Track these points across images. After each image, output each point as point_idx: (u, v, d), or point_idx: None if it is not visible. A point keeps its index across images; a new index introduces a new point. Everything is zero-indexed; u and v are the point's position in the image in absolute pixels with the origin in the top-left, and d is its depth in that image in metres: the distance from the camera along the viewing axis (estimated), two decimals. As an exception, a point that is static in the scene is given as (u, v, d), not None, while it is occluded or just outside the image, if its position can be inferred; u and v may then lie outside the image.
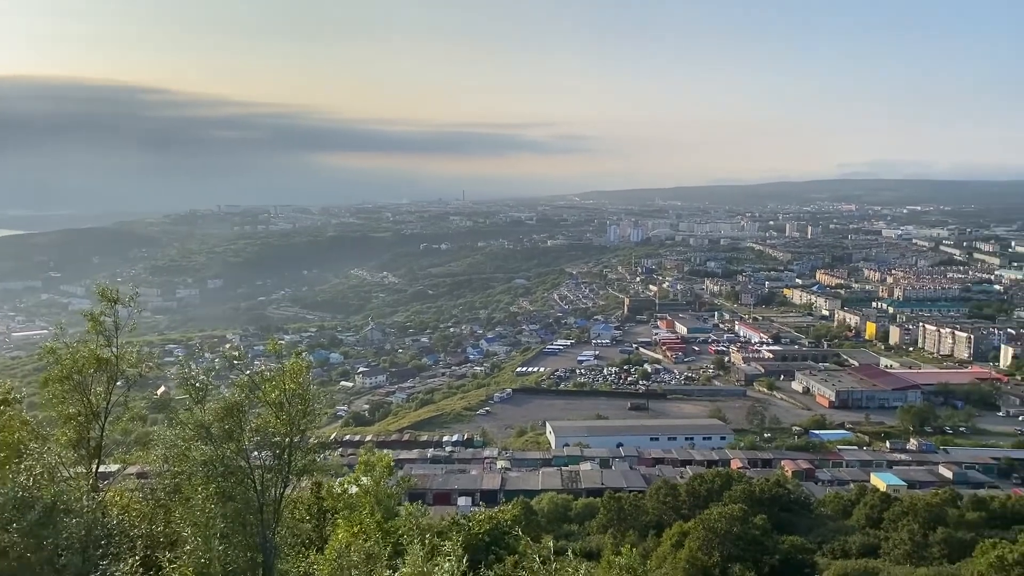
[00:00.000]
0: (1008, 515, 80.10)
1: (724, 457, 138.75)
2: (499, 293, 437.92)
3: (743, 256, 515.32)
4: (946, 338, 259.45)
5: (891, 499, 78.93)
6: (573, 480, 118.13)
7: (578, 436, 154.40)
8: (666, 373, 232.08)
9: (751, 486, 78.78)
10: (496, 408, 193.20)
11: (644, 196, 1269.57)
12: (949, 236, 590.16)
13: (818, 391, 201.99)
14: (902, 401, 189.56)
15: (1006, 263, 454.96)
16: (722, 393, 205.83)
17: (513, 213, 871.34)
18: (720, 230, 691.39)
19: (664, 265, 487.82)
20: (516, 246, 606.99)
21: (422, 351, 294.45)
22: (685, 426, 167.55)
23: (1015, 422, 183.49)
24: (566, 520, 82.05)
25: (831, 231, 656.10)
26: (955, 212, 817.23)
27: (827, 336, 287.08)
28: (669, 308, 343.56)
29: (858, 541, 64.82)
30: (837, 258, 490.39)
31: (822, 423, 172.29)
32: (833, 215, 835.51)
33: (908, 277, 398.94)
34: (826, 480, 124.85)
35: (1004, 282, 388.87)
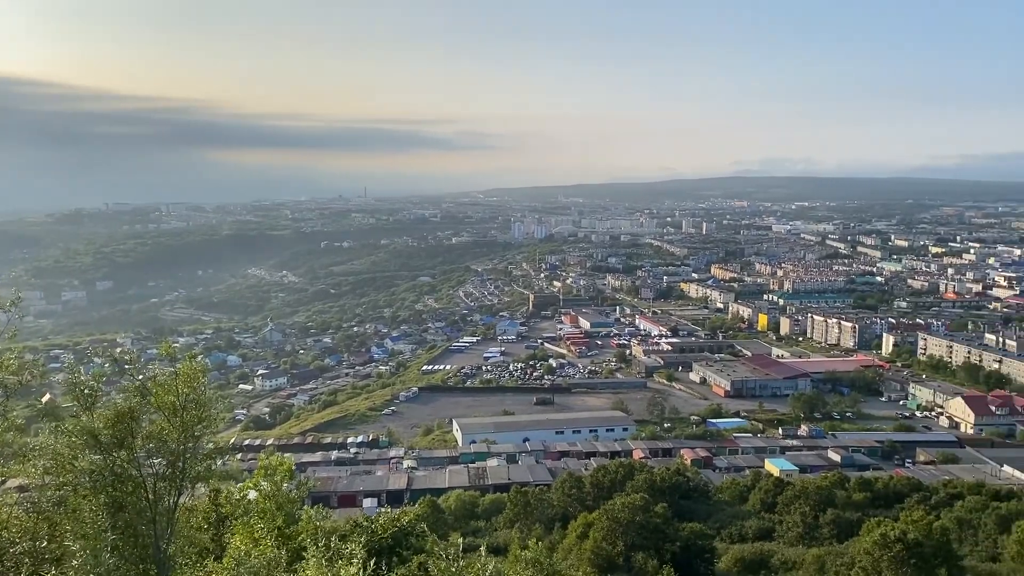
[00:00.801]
0: (890, 495, 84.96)
1: (627, 448, 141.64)
2: (404, 291, 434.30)
3: (642, 252, 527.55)
4: (832, 328, 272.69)
5: (784, 484, 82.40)
6: (480, 477, 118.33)
7: (485, 433, 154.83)
8: (571, 367, 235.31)
9: (652, 475, 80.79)
10: (402, 407, 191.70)
11: (547, 193, 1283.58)
12: (835, 231, 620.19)
13: (714, 381, 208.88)
14: (793, 389, 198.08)
15: (887, 256, 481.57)
16: (624, 385, 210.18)
17: (417, 210, 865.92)
18: (620, 227, 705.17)
19: (567, 261, 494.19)
20: (421, 243, 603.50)
21: (324, 351, 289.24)
22: (589, 419, 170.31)
23: (896, 406, 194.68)
24: (473, 517, 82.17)
25: (725, 227, 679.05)
26: (840, 208, 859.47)
27: (722, 328, 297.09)
28: (573, 303, 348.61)
29: (754, 525, 67.35)
30: (731, 253, 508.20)
31: (719, 412, 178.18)
32: (727, 211, 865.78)
33: (797, 270, 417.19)
34: (723, 467, 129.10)
35: (885, 274, 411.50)
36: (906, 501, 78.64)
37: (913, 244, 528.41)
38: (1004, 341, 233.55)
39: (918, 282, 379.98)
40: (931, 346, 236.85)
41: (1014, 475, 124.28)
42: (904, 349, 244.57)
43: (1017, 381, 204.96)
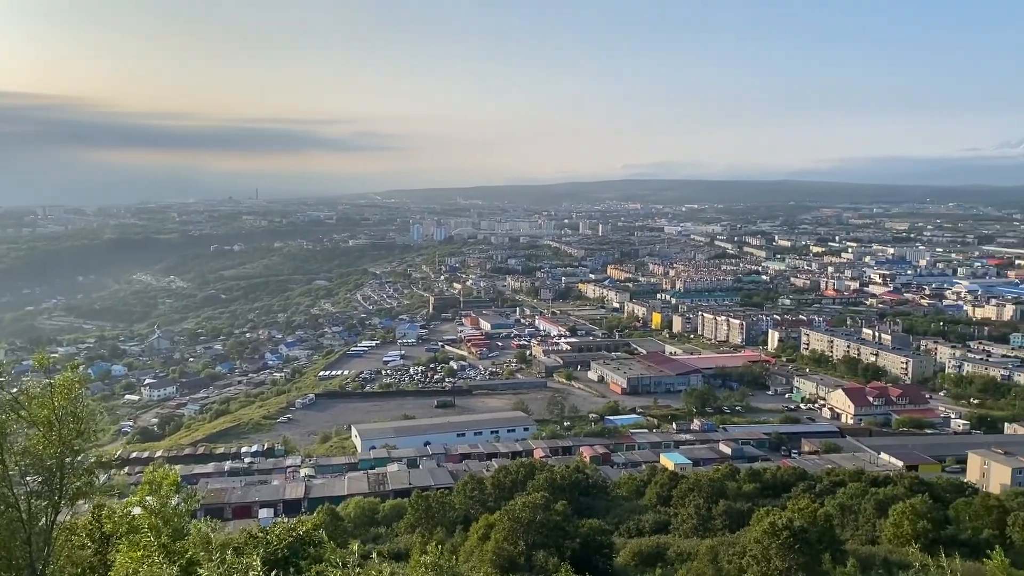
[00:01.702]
0: (778, 484, 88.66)
1: (528, 448, 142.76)
2: (299, 295, 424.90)
3: (541, 253, 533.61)
4: (722, 325, 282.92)
5: (679, 477, 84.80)
6: (380, 482, 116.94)
7: (385, 438, 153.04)
8: (472, 369, 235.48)
9: (553, 474, 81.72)
10: (298, 415, 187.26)
11: (446, 195, 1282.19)
12: (722, 232, 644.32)
13: (611, 379, 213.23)
14: (686, 385, 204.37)
15: (771, 255, 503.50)
16: (525, 386, 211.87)
17: (312, 212, 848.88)
18: (520, 228, 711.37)
19: (467, 263, 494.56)
20: (316, 246, 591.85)
21: (216, 359, 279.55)
22: (490, 420, 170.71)
23: (782, 399, 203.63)
24: (374, 523, 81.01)
25: (620, 228, 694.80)
26: (727, 210, 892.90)
27: (619, 327, 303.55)
28: (473, 305, 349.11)
29: (651, 519, 69.08)
30: (625, 254, 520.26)
31: (616, 409, 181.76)
32: (621, 213, 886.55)
33: (688, 270, 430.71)
34: (621, 463, 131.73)
35: (770, 272, 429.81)
36: (793, 490, 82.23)
37: (795, 244, 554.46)
38: (880, 335, 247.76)
39: (800, 280, 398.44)
40: (813, 341, 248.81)
41: (890, 462, 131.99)
42: (789, 344, 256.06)
43: (892, 373, 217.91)
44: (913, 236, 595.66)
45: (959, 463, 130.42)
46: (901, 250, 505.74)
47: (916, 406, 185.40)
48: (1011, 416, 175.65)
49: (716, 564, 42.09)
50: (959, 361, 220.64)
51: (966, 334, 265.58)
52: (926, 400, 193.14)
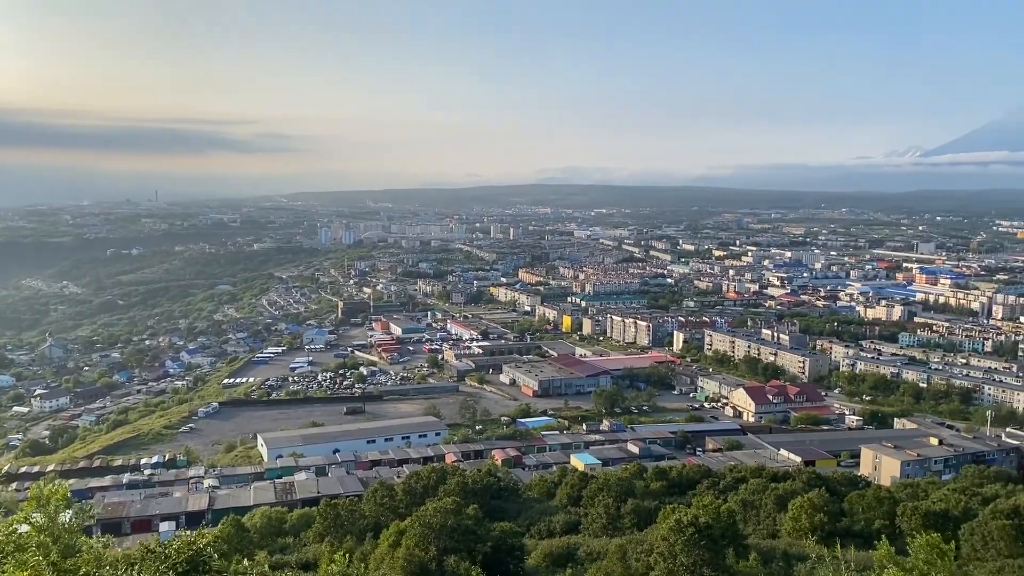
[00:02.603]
0: (684, 482, 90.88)
1: (439, 452, 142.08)
2: (201, 301, 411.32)
3: (453, 257, 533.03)
4: (630, 327, 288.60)
5: (588, 477, 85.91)
6: (288, 492, 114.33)
7: (292, 446, 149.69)
8: (382, 374, 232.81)
9: (465, 478, 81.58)
10: (201, 424, 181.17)
11: (355, 198, 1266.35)
12: (630, 236, 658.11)
13: (523, 382, 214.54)
14: (595, 386, 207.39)
15: (676, 259, 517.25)
16: (436, 390, 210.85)
17: (215, 215, 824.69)
18: (431, 232, 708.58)
19: (377, 267, 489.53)
20: (219, 250, 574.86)
21: (113, 367, 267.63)
22: (401, 426, 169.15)
23: (687, 399, 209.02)
24: (281, 534, 79.08)
25: (531, 232, 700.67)
26: (634, 214, 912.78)
27: (530, 330, 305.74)
28: (384, 310, 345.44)
29: (561, 519, 69.66)
30: (536, 257, 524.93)
31: (527, 412, 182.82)
32: (532, 217, 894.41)
33: (597, 273, 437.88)
34: (532, 465, 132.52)
35: (675, 276, 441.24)
36: (698, 487, 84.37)
37: (699, 248, 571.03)
38: (778, 336, 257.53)
39: (704, 283, 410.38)
40: (716, 342, 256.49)
41: (789, 458, 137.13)
42: (693, 345, 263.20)
43: (790, 372, 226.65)
44: (809, 240, 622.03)
45: (853, 457, 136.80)
46: (798, 254, 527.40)
47: (813, 403, 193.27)
48: (900, 411, 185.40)
49: (625, 562, 42.78)
50: (852, 360, 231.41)
51: (858, 334, 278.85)
52: (822, 397, 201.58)
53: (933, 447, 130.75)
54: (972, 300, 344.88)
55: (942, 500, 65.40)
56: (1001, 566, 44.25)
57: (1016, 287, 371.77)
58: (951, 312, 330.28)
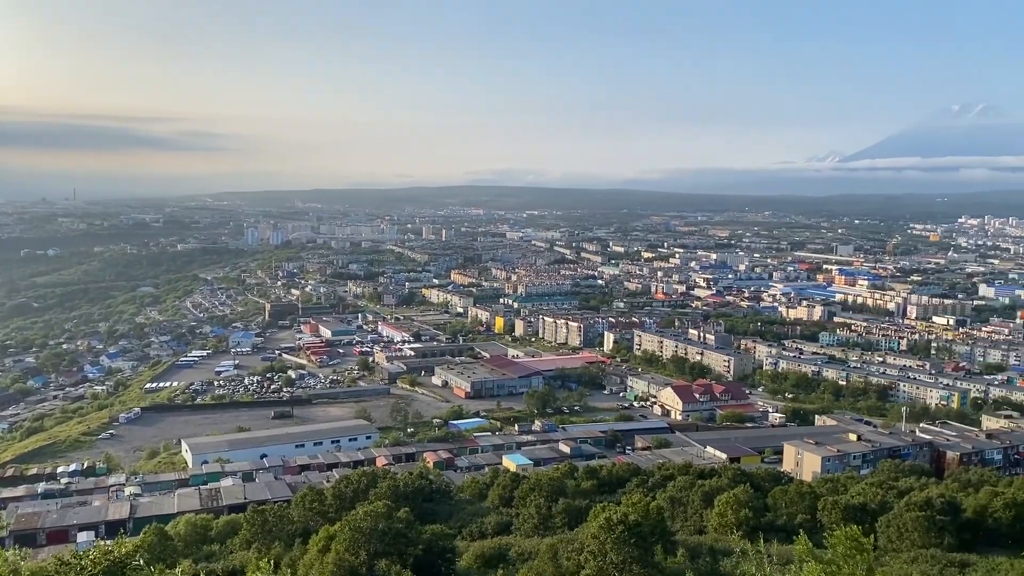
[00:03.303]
0: (614, 480, 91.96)
1: (370, 456, 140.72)
2: (122, 303, 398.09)
3: (384, 258, 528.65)
4: (561, 328, 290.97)
5: (520, 478, 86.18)
6: (214, 498, 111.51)
7: (218, 452, 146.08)
8: (311, 378, 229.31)
9: (396, 481, 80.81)
10: (122, 430, 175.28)
11: (283, 198, 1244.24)
12: (561, 238, 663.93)
13: (455, 383, 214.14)
14: (527, 387, 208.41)
15: (606, 260, 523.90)
16: (367, 393, 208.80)
17: (136, 215, 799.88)
18: (361, 233, 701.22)
19: (306, 268, 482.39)
20: (141, 251, 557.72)
21: (27, 372, 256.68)
22: (331, 430, 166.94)
23: (617, 398, 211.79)
24: (207, 541, 77.02)
25: (463, 234, 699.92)
26: (566, 216, 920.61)
27: (462, 331, 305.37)
28: (313, 312, 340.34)
29: (493, 520, 69.67)
30: (469, 259, 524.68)
31: (460, 413, 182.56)
32: (464, 219, 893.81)
33: (529, 274, 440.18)
34: (465, 467, 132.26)
35: (605, 277, 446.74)
36: (627, 485, 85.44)
37: (628, 250, 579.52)
38: (704, 335, 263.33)
39: (633, 284, 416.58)
40: (645, 342, 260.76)
41: (715, 455, 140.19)
42: (623, 345, 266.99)
43: (716, 370, 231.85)
44: (734, 242, 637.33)
45: (776, 454, 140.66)
46: (723, 255, 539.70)
47: (738, 401, 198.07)
48: (821, 408, 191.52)
49: (556, 561, 43.06)
50: (775, 359, 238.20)
51: (781, 333, 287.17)
52: (746, 396, 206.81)
53: (852, 443, 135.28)
54: (888, 301, 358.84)
55: (860, 494, 67.78)
56: (915, 556, 46.15)
57: (929, 288, 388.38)
58: (868, 312, 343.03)
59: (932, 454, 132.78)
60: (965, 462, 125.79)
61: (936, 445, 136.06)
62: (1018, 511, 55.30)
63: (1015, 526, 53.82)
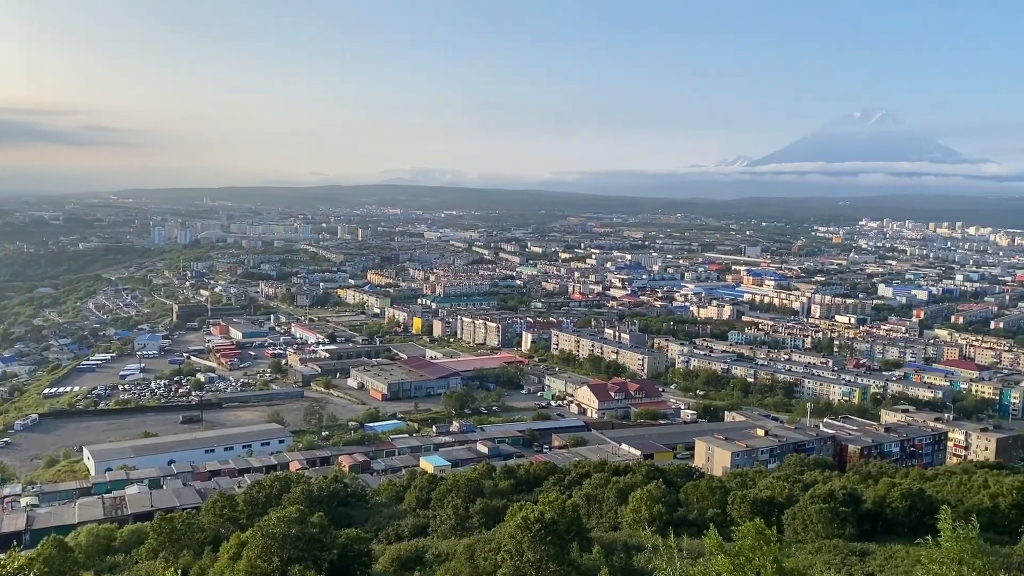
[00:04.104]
0: (531, 479, 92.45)
1: (283, 460, 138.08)
2: (18, 304, 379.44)
3: (298, 258, 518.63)
4: (480, 328, 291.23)
5: (437, 479, 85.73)
6: (118, 507, 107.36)
7: (123, 458, 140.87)
8: (222, 381, 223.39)
9: (310, 486, 79.33)
10: (18, 437, 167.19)
11: (192, 195, 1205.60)
12: (480, 238, 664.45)
13: (372, 385, 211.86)
14: (445, 388, 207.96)
15: (524, 261, 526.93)
16: (280, 396, 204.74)
17: (34, 212, 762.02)
18: (274, 232, 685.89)
19: (216, 268, 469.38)
20: (39, 249, 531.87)
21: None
22: (242, 434, 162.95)
23: (535, 398, 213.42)
24: (110, 552, 73.98)
25: (380, 233, 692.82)
26: (484, 217, 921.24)
27: (379, 332, 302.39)
28: (223, 313, 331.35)
29: (410, 523, 69.09)
30: (386, 259, 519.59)
31: (376, 416, 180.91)
32: (381, 218, 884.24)
33: (447, 275, 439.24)
34: (381, 469, 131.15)
35: (523, 277, 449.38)
36: (544, 484, 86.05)
37: (546, 250, 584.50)
38: (619, 335, 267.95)
39: (551, 284, 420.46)
40: (562, 341, 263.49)
41: (630, 452, 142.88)
42: (540, 345, 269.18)
43: (630, 369, 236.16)
44: (647, 244, 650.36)
45: (688, 449, 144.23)
46: (637, 256, 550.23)
47: (651, 399, 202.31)
48: (730, 405, 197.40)
49: (473, 562, 43.05)
50: (687, 357, 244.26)
51: (692, 332, 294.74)
52: (660, 393, 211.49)
53: (760, 438, 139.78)
54: (793, 300, 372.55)
55: (768, 488, 69.93)
56: (819, 547, 47.93)
57: (832, 288, 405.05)
58: (775, 311, 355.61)
59: (835, 448, 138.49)
60: (865, 455, 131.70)
61: (839, 439, 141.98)
62: (913, 501, 58.01)
63: (911, 515, 56.39)
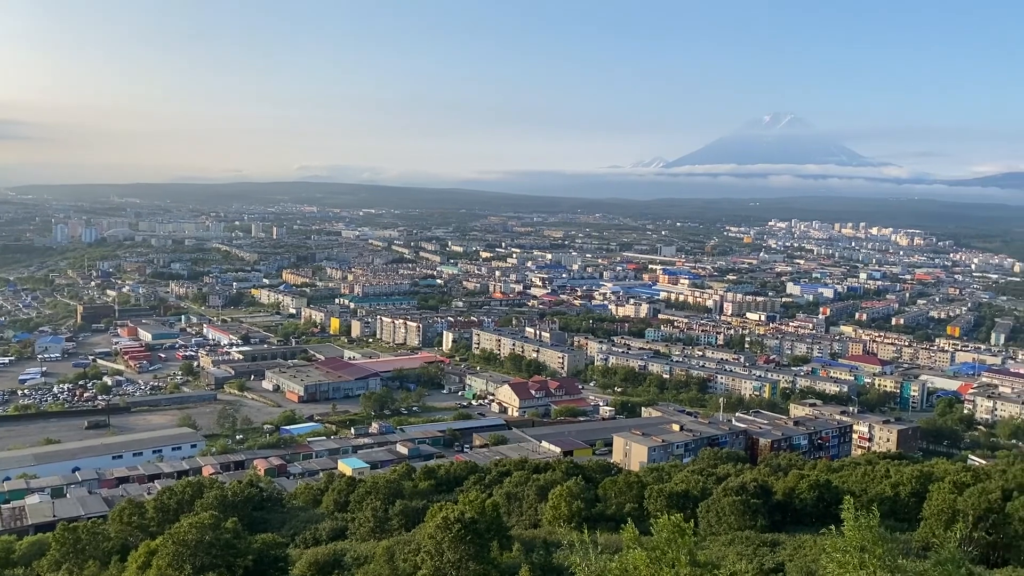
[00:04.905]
0: (452, 479, 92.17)
1: (196, 465, 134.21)
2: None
3: (210, 257, 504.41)
4: (400, 328, 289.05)
5: (356, 482, 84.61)
6: (17, 518, 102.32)
7: (22, 467, 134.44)
8: (130, 385, 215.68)
9: (223, 491, 77.18)
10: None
11: (97, 192, 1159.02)
12: (399, 237, 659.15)
13: (288, 387, 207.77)
14: (364, 389, 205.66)
15: (445, 260, 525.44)
16: (192, 399, 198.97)
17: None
18: (184, 230, 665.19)
19: (124, 268, 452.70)
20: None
21: None
22: (152, 439, 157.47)
23: (456, 397, 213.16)
24: (9, 565, 70.41)
25: (295, 232, 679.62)
26: (404, 216, 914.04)
27: (295, 333, 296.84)
28: (131, 314, 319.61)
29: (328, 526, 67.97)
30: (302, 258, 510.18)
31: (293, 418, 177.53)
32: (296, 216, 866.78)
33: (366, 274, 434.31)
34: (298, 473, 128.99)
35: (444, 277, 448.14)
36: (465, 483, 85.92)
37: (467, 249, 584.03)
38: (540, 333, 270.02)
39: (472, 283, 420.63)
40: (483, 340, 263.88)
41: (550, 449, 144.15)
42: (461, 344, 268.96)
43: (551, 367, 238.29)
44: (567, 243, 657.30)
45: (607, 445, 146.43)
46: (557, 256, 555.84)
47: (571, 397, 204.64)
48: (647, 401, 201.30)
49: (392, 563, 42.65)
50: (605, 355, 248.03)
51: (611, 330, 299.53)
52: (579, 391, 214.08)
53: (675, 433, 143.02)
54: (707, 298, 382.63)
55: (683, 482, 71.49)
56: (732, 538, 49.25)
57: (743, 286, 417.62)
58: (690, 309, 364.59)
59: (747, 441, 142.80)
60: (775, 448, 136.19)
61: (750, 433, 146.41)
62: (820, 492, 60.30)
63: (818, 506, 58.56)
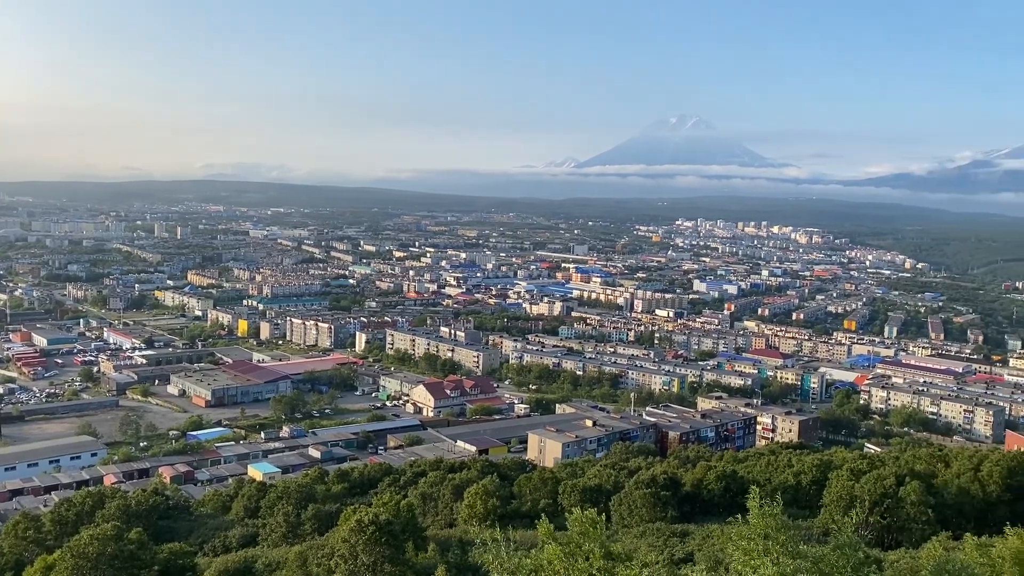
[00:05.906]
0: (366, 482, 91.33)
1: (96, 475, 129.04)
2: None
3: (110, 258, 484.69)
4: (311, 329, 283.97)
5: (267, 487, 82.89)
6: None
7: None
8: (24, 392, 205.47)
9: (127, 500, 74.44)
10: None
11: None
12: (310, 236, 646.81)
13: (194, 392, 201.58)
14: (274, 392, 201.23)
15: (358, 260, 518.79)
16: (92, 406, 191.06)
17: None
18: (82, 230, 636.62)
19: (16, 270, 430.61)
20: None
21: None
22: (49, 448, 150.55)
23: (370, 399, 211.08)
24: None
25: (200, 232, 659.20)
26: (314, 214, 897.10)
27: (201, 336, 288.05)
28: (24, 318, 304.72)
29: (238, 533, 66.42)
30: (208, 258, 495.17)
31: (200, 423, 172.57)
32: (202, 216, 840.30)
33: (275, 275, 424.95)
34: (206, 480, 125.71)
35: (357, 277, 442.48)
36: (379, 485, 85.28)
37: (380, 249, 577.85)
38: (455, 333, 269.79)
39: (385, 283, 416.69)
40: (397, 341, 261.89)
41: (465, 448, 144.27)
42: (375, 345, 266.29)
43: (466, 366, 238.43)
44: (481, 242, 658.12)
45: (522, 443, 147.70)
46: (472, 255, 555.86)
47: (486, 395, 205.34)
48: (561, 398, 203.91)
49: (305, 568, 42.10)
50: (520, 353, 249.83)
51: (525, 329, 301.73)
52: (494, 389, 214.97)
53: (588, 428, 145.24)
54: (618, 296, 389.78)
55: (596, 476, 72.86)
56: (644, 530, 50.49)
57: (652, 284, 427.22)
58: (602, 307, 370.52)
59: (657, 435, 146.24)
60: (684, 440, 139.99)
61: (660, 426, 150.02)
62: (727, 482, 62.40)
63: (725, 496, 60.57)
